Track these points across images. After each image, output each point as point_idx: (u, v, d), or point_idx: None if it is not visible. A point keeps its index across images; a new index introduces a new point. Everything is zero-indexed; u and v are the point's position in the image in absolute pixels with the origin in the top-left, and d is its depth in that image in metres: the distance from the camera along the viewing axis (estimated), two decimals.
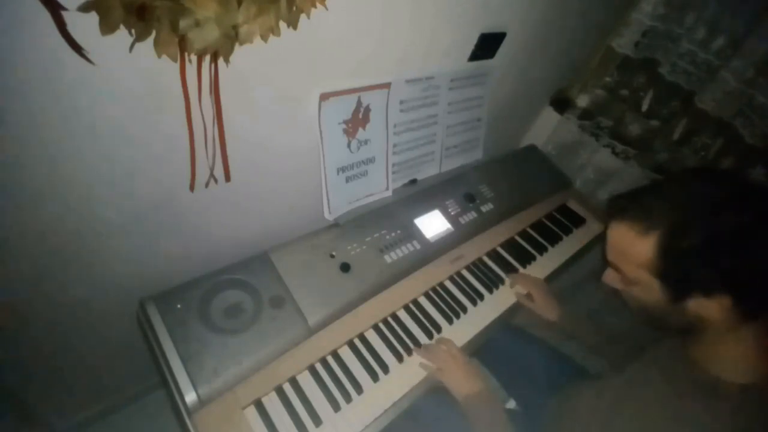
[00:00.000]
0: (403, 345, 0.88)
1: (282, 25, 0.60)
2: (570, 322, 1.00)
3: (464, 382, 0.81)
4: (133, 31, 0.49)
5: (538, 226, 1.27)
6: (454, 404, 0.81)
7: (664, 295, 0.55)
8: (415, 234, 1.03)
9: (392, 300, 0.95)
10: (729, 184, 0.53)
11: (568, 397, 0.72)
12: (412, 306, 0.96)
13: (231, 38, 0.55)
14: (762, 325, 0.53)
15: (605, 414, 0.59)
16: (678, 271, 0.52)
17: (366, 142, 0.96)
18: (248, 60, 0.63)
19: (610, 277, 0.64)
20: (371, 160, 1.00)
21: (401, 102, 0.98)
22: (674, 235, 0.51)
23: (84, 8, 0.45)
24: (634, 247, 0.55)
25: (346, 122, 0.90)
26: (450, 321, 0.95)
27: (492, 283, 1.06)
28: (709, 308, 0.51)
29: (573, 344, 1.03)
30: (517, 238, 1.21)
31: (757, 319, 0.52)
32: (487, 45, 1.05)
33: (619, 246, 0.58)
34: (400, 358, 0.86)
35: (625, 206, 0.58)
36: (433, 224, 1.07)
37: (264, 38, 0.58)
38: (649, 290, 0.56)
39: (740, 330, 0.53)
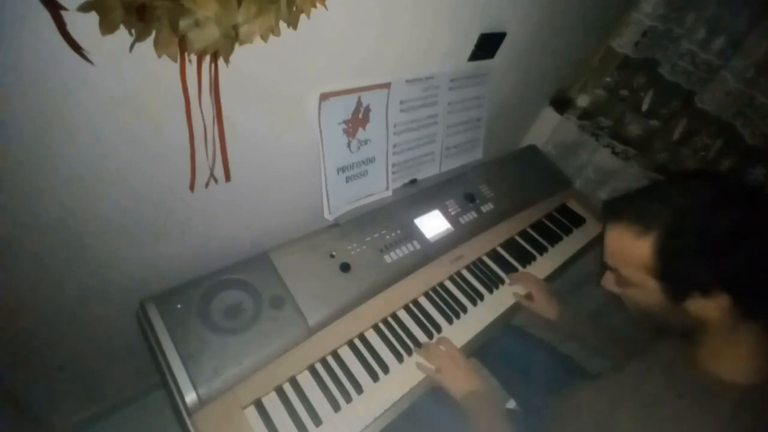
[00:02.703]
0: (403, 345, 0.88)
1: (282, 25, 0.60)
2: (570, 321, 1.00)
3: (463, 382, 0.81)
4: (133, 31, 0.49)
5: (538, 226, 1.27)
6: (453, 404, 0.81)
7: (663, 297, 0.55)
8: (415, 234, 1.03)
9: (392, 300, 0.95)
10: (724, 186, 0.54)
11: (568, 396, 0.72)
12: (412, 306, 0.96)
13: (231, 38, 0.55)
14: (762, 325, 0.53)
15: (605, 413, 0.59)
16: (676, 271, 0.53)
17: (366, 142, 0.96)
18: (248, 60, 0.63)
19: (608, 281, 0.64)
20: (371, 160, 1.00)
21: (401, 102, 0.98)
22: (671, 236, 0.52)
23: (84, 8, 0.45)
24: (632, 250, 0.55)
25: (346, 122, 0.90)
26: (450, 321, 0.95)
27: (492, 283, 1.06)
28: (708, 308, 0.52)
29: (573, 344, 1.03)
30: (517, 238, 1.21)
31: (756, 319, 0.52)
32: (487, 45, 1.05)
33: (617, 249, 0.59)
34: (400, 358, 0.86)
35: (621, 209, 0.58)
36: (433, 224, 1.07)
37: (264, 38, 0.58)
38: (649, 292, 0.56)
39: (740, 330, 0.53)
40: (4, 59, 0.48)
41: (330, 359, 0.83)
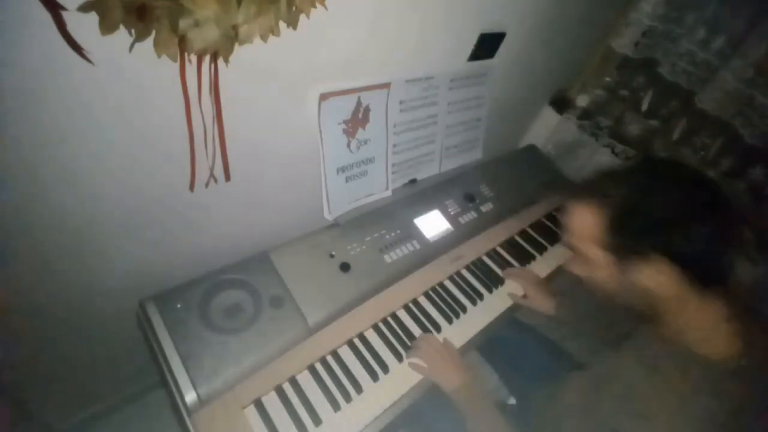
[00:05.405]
0: (403, 345, 0.88)
1: (282, 24, 0.60)
2: (570, 313, 0.99)
3: (451, 375, 0.81)
4: (133, 31, 0.49)
5: (538, 226, 1.27)
6: (449, 401, 0.81)
7: (614, 269, 0.61)
8: (414, 234, 1.03)
9: (392, 300, 0.95)
10: (681, 174, 0.60)
11: (556, 387, 0.73)
12: (411, 306, 0.96)
13: (231, 38, 0.55)
14: (720, 299, 0.57)
15: (589, 396, 0.61)
16: (618, 239, 0.59)
17: (366, 142, 0.96)
18: (248, 60, 0.63)
19: (573, 264, 0.69)
20: (371, 160, 1.00)
21: (401, 102, 0.99)
22: (617, 209, 0.58)
23: (84, 8, 0.45)
24: (586, 224, 0.62)
25: (345, 122, 0.90)
26: (450, 321, 0.95)
27: (492, 283, 1.06)
28: (651, 277, 0.57)
29: (579, 341, 1.03)
30: (517, 238, 1.21)
31: (712, 291, 0.57)
32: (487, 45, 1.05)
33: (577, 227, 0.64)
34: (400, 358, 0.86)
35: (583, 189, 0.65)
36: (432, 224, 1.07)
37: (264, 38, 0.58)
38: (603, 267, 0.62)
39: (699, 305, 0.57)
40: (4, 59, 0.48)
41: (330, 359, 0.83)
